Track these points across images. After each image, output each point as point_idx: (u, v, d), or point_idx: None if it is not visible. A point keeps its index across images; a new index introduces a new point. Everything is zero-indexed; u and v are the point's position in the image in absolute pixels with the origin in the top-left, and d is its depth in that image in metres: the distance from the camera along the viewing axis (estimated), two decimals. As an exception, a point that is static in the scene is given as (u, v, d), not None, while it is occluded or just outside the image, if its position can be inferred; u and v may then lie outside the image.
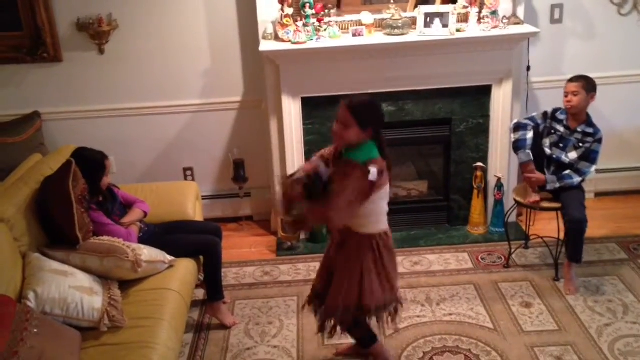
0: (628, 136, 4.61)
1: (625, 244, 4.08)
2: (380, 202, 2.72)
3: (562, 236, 3.66)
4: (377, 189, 2.62)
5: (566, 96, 3.57)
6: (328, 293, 2.86)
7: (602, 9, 4.30)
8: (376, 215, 2.74)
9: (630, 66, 4.44)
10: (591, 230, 4.05)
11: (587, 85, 3.55)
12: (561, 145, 3.65)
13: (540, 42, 4.29)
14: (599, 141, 3.59)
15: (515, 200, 3.83)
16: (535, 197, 3.67)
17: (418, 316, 3.47)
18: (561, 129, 3.65)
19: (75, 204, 2.95)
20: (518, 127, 3.69)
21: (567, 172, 3.62)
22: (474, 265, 3.96)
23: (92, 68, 4.21)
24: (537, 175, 3.64)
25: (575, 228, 3.52)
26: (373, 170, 2.56)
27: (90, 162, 3.15)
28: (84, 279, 2.87)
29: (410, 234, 4.34)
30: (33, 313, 2.52)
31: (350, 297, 2.77)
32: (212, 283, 3.42)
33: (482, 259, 4.02)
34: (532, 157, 3.63)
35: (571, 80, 3.60)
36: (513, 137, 3.70)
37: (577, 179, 3.59)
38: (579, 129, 3.61)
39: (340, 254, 2.82)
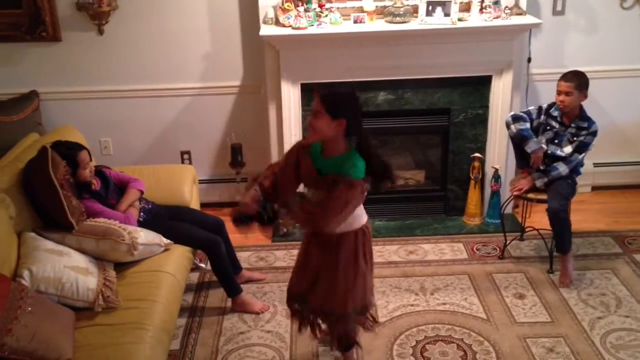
0: (627, 130, 4.61)
1: (621, 238, 4.09)
2: None
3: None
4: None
5: (559, 94, 3.55)
6: (313, 295, 2.73)
7: (604, 2, 4.28)
8: (354, 214, 2.59)
9: (630, 60, 4.43)
10: (587, 224, 4.07)
11: (580, 84, 3.51)
12: (556, 141, 3.65)
13: (542, 33, 4.28)
14: (593, 134, 3.58)
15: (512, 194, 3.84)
16: (521, 186, 3.69)
17: (412, 305, 3.48)
18: (555, 125, 3.64)
19: (60, 189, 2.93)
20: (518, 118, 3.67)
21: (555, 163, 3.62)
22: (468, 255, 3.97)
23: (91, 48, 4.18)
24: (524, 182, 3.67)
25: (553, 218, 3.54)
26: (367, 187, 2.50)
27: (63, 158, 3.06)
28: (79, 259, 2.87)
29: (406, 223, 4.35)
30: (27, 291, 2.52)
31: (356, 298, 2.68)
32: (223, 281, 3.40)
33: (477, 249, 4.03)
34: (542, 145, 3.62)
35: (564, 78, 3.55)
36: (514, 127, 3.66)
37: (563, 168, 3.59)
38: (572, 124, 3.60)
39: (326, 255, 2.66)
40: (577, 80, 3.52)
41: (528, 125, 3.63)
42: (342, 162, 2.48)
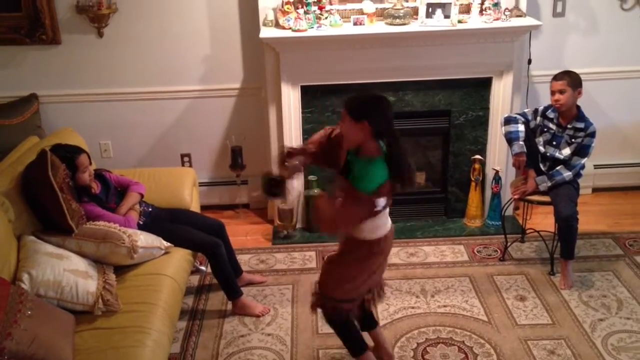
0: (627, 132, 4.61)
1: (621, 239, 4.08)
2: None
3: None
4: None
5: (553, 95, 3.55)
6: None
7: (604, 3, 4.28)
8: (372, 225, 2.67)
9: (631, 62, 4.42)
10: (588, 226, 4.06)
11: (572, 81, 3.51)
12: (554, 143, 3.64)
13: (542, 35, 4.27)
14: (591, 135, 3.57)
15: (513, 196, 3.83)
16: (524, 189, 3.68)
17: (412, 307, 3.47)
18: (553, 126, 3.64)
19: (60, 192, 2.92)
20: (509, 120, 3.67)
21: (558, 167, 3.61)
22: (469, 257, 3.96)
23: (91, 51, 4.18)
24: (527, 186, 3.66)
25: (564, 225, 3.53)
26: (380, 202, 2.55)
27: (63, 161, 3.05)
28: (79, 263, 2.86)
29: (407, 225, 4.34)
30: (27, 295, 2.51)
31: (348, 291, 2.77)
32: (224, 283, 3.39)
33: (477, 251, 4.02)
34: (525, 150, 3.61)
35: (555, 78, 3.56)
36: (504, 129, 3.68)
37: (567, 174, 3.58)
38: (570, 125, 3.59)
39: (342, 246, 2.84)
40: (569, 78, 3.52)
41: (519, 127, 3.62)
42: (363, 166, 2.54)
